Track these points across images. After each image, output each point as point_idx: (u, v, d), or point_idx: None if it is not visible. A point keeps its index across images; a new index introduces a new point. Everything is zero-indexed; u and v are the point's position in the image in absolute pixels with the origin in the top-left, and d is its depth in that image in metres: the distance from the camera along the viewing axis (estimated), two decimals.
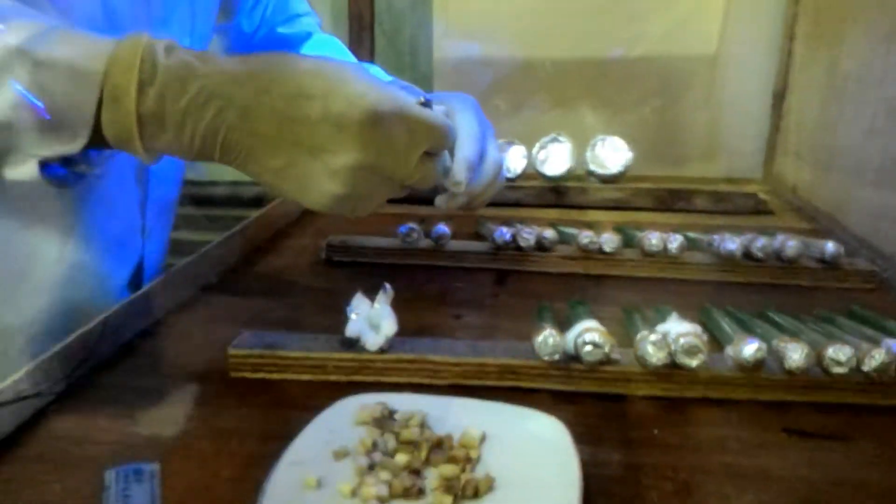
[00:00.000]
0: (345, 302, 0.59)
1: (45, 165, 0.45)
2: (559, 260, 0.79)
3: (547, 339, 0.52)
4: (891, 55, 0.82)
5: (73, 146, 0.43)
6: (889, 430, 0.50)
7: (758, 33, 1.23)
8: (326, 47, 0.83)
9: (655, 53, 1.30)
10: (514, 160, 1.11)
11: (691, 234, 0.84)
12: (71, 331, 0.56)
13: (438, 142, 0.49)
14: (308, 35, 0.85)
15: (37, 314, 0.61)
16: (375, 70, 0.77)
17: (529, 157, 1.11)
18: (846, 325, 0.61)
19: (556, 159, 1.10)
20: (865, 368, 0.51)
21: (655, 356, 0.51)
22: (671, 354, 0.52)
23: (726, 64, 1.28)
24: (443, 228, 0.80)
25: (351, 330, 0.55)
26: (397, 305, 0.60)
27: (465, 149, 0.55)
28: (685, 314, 0.62)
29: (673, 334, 0.53)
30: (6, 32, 0.42)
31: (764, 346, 0.51)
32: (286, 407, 0.52)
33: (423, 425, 0.46)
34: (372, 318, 0.56)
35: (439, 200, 0.60)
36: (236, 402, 0.52)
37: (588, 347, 0.52)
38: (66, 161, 0.46)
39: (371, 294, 0.60)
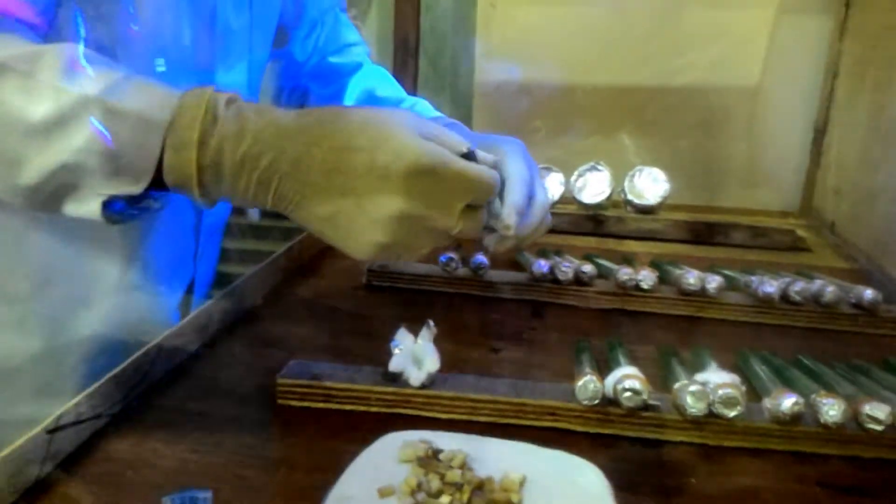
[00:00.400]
0: (385, 329, 0.61)
1: (107, 203, 0.47)
2: (597, 295, 0.80)
3: (587, 384, 0.54)
4: None
5: (135, 188, 0.46)
6: None
7: (800, 68, 1.23)
8: (375, 78, 0.85)
9: (698, 84, 1.31)
10: (552, 186, 1.12)
11: (728, 272, 0.85)
12: (122, 351, 0.58)
13: (481, 195, 0.50)
14: (358, 66, 0.87)
15: (92, 336, 0.64)
16: (422, 105, 0.79)
17: (567, 183, 1.12)
18: (882, 378, 0.61)
19: (593, 187, 1.11)
20: None
21: (695, 406, 0.52)
22: (709, 405, 0.52)
23: (767, 97, 1.28)
24: (482, 259, 0.82)
25: (394, 365, 0.57)
26: (436, 336, 0.62)
27: (514, 193, 0.57)
28: (721, 356, 0.63)
29: (712, 384, 0.54)
30: (85, 81, 0.44)
31: (801, 400, 0.52)
32: (331, 437, 0.53)
33: (464, 466, 0.47)
34: (415, 354, 0.58)
35: (488, 241, 0.61)
36: (283, 430, 0.54)
37: (627, 394, 0.53)
38: (129, 198, 0.48)
39: (412, 324, 0.62)
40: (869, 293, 0.75)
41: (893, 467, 0.52)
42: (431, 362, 0.57)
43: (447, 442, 0.50)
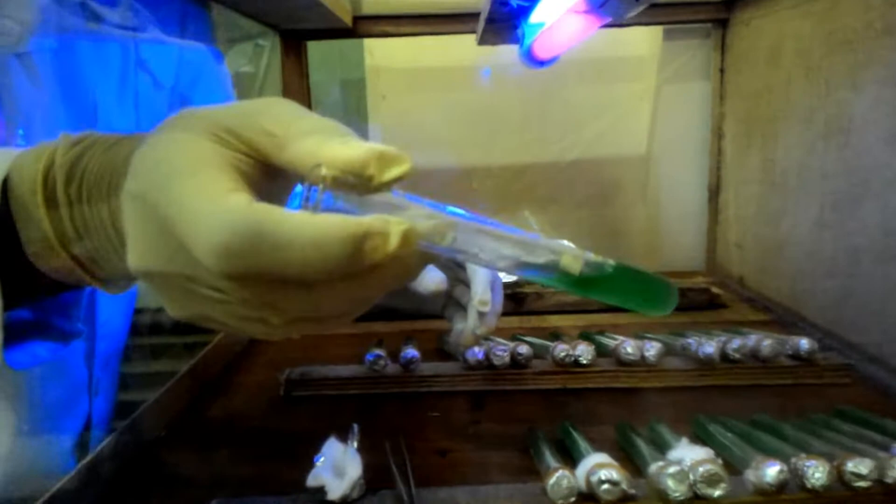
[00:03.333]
0: (313, 446, 0.54)
1: None
2: (536, 376, 0.76)
3: (560, 481, 0.48)
4: (829, 151, 0.85)
5: None
6: None
7: (686, 134, 1.27)
8: None
9: (588, 157, 1.33)
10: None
11: (661, 337, 0.82)
12: None
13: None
14: None
15: None
16: None
17: None
18: (843, 429, 0.59)
19: None
20: (888, 480, 0.48)
21: (678, 490, 0.47)
22: (691, 486, 0.48)
23: (658, 163, 1.31)
24: (412, 352, 0.76)
25: (312, 479, 0.50)
26: (375, 445, 0.55)
27: (478, 271, 0.53)
28: (676, 427, 0.59)
29: (688, 462, 0.49)
30: None
31: (785, 467, 0.48)
32: None
33: None
34: (337, 464, 0.51)
35: (459, 333, 0.56)
36: None
37: (605, 486, 0.48)
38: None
39: (342, 434, 0.55)
40: (805, 343, 0.75)
41: None
42: (353, 469, 0.50)
43: None
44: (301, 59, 1.22)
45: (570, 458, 0.55)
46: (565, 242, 0.37)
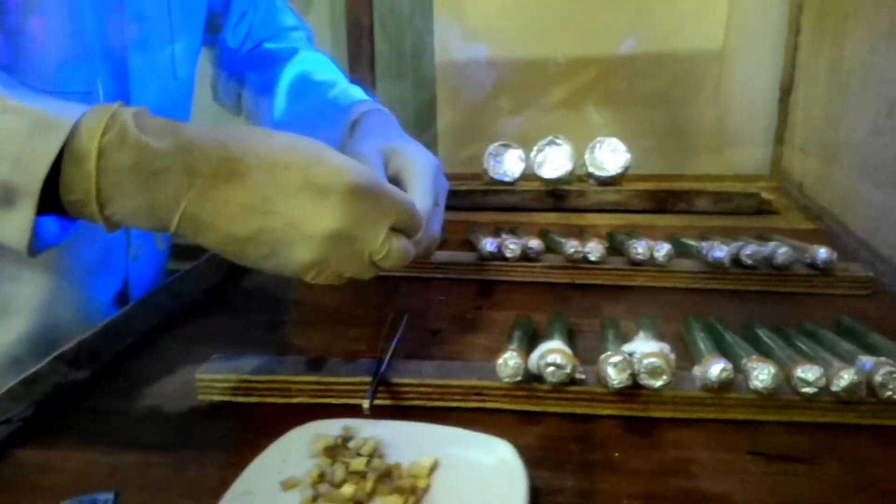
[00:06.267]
0: (324, 318, 0.60)
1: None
2: (545, 270, 0.78)
3: (507, 361, 0.52)
4: (891, 53, 0.79)
5: (20, 213, 0.41)
6: (855, 450, 0.48)
7: (763, 27, 1.20)
8: (311, 63, 0.83)
9: (661, 50, 1.28)
10: (511, 164, 1.10)
11: (685, 240, 0.82)
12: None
13: (405, 220, 0.49)
14: (294, 51, 0.84)
15: (18, 339, 0.63)
16: (355, 90, 0.77)
17: (527, 159, 1.10)
18: (828, 340, 0.59)
19: (553, 162, 1.09)
20: (834, 388, 0.49)
21: (617, 378, 0.50)
22: (634, 375, 0.51)
23: (732, 59, 1.25)
24: None
25: None
26: (382, 321, 0.63)
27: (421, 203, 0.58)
28: (672, 325, 0.61)
29: (638, 354, 0.52)
30: None
31: (730, 366, 0.50)
32: (249, 432, 0.52)
33: (374, 454, 0.46)
34: None
35: None
36: (201, 427, 0.53)
37: (550, 369, 0.51)
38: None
39: (355, 309, 0.62)
40: (823, 252, 0.73)
41: (825, 430, 0.50)
42: None
43: (364, 429, 0.49)
44: None
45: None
46: None
